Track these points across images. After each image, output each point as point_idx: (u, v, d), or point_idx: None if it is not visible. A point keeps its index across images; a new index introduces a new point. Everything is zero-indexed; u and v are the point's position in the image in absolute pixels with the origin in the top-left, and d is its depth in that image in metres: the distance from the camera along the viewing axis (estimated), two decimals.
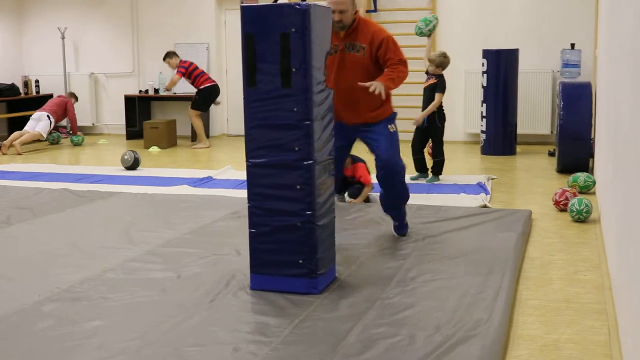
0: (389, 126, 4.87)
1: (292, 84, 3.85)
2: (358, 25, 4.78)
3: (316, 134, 3.93)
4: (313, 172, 3.92)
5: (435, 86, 7.61)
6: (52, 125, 11.09)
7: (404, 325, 3.52)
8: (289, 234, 3.97)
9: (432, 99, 7.56)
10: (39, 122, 10.93)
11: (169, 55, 10.90)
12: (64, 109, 11.35)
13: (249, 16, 3.93)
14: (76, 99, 11.86)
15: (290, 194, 3.94)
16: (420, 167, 7.69)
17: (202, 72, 10.85)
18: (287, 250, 3.99)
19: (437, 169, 7.61)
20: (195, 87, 10.80)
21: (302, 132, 3.88)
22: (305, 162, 3.90)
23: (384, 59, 4.75)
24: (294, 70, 3.84)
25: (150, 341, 3.38)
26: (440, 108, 7.64)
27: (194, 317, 3.68)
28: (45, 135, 10.95)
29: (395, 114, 4.97)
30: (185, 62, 10.78)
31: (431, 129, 7.64)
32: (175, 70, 10.78)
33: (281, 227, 3.98)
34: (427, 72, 7.80)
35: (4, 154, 10.42)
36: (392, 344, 3.29)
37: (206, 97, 10.84)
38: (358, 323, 3.54)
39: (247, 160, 4.01)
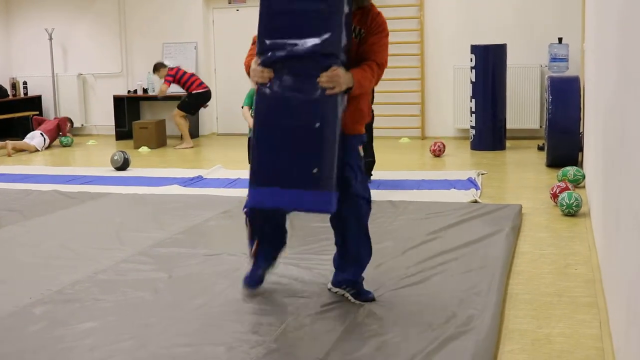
0: (359, 147, 3.84)
1: None
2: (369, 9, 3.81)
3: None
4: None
5: None
6: (47, 143, 11.08)
7: (396, 322, 3.53)
8: (304, 136, 3.52)
9: None
10: (32, 139, 10.94)
11: (157, 68, 10.76)
12: (58, 129, 11.35)
13: None
14: (72, 124, 11.84)
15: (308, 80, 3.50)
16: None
17: (192, 75, 10.75)
18: (300, 157, 3.52)
19: (367, 169, 7.25)
20: (187, 91, 10.71)
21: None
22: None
23: (369, 49, 3.73)
24: None
25: (143, 342, 3.37)
26: None
27: (186, 317, 3.68)
28: (40, 149, 10.97)
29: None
30: (172, 69, 10.65)
31: None
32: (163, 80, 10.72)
33: (293, 128, 3.52)
34: None
35: None
36: (384, 341, 3.30)
37: (197, 102, 10.76)
38: (351, 321, 3.55)
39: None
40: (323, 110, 3.50)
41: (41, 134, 11.00)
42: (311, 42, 3.47)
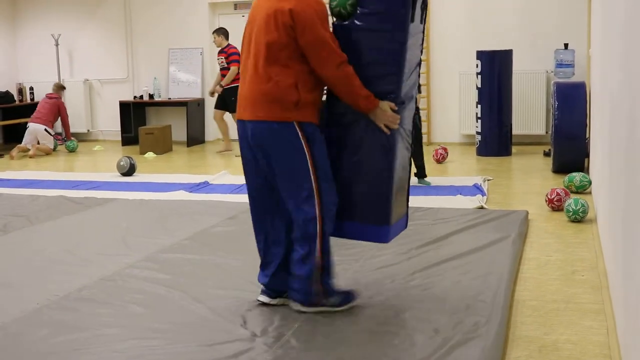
0: None
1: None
2: None
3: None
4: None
5: None
6: (53, 134, 11.25)
7: (402, 327, 3.52)
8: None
9: None
10: (37, 139, 11.04)
11: (220, 31, 10.36)
12: (57, 113, 11.34)
13: None
14: (64, 88, 11.75)
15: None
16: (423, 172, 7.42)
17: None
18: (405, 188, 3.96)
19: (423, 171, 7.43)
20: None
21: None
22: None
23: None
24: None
25: (151, 346, 3.38)
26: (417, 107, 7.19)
27: (193, 322, 3.68)
28: (53, 148, 11.24)
29: None
30: (235, 47, 10.13)
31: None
32: (223, 55, 10.24)
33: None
34: None
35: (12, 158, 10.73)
36: (390, 347, 3.29)
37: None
38: (357, 326, 3.55)
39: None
40: None
41: (45, 129, 11.07)
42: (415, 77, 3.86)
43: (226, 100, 10.16)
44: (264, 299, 3.90)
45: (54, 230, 5.86)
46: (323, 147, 3.69)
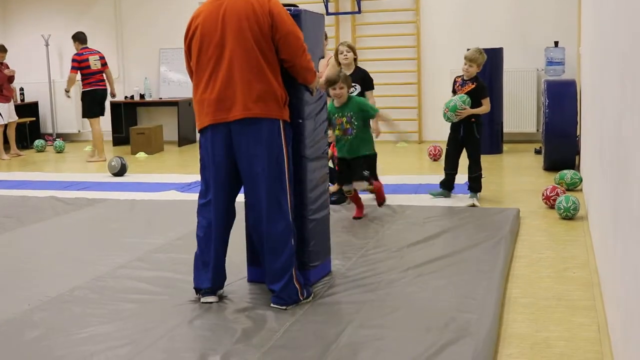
0: None
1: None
2: None
3: (307, 132, 4.04)
4: (305, 168, 4.05)
5: (478, 91, 6.41)
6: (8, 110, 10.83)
7: (394, 326, 3.52)
8: None
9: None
10: None
11: (80, 38, 10.19)
12: None
13: None
14: (5, 50, 11.24)
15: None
16: (450, 184, 6.68)
17: (96, 72, 10.07)
18: None
19: (477, 185, 6.54)
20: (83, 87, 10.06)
21: (295, 130, 3.99)
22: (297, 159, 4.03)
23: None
24: None
25: (141, 348, 3.36)
26: (479, 117, 6.50)
27: (184, 322, 3.68)
28: (5, 120, 10.76)
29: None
30: (82, 54, 10.03)
31: (469, 141, 6.57)
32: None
33: None
34: (461, 78, 6.54)
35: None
36: (382, 345, 3.29)
37: (92, 100, 10.08)
38: (348, 326, 3.54)
39: None
40: None
41: None
42: None
43: (86, 105, 10.03)
44: (212, 299, 3.97)
45: (44, 231, 5.84)
46: (291, 149, 3.93)
